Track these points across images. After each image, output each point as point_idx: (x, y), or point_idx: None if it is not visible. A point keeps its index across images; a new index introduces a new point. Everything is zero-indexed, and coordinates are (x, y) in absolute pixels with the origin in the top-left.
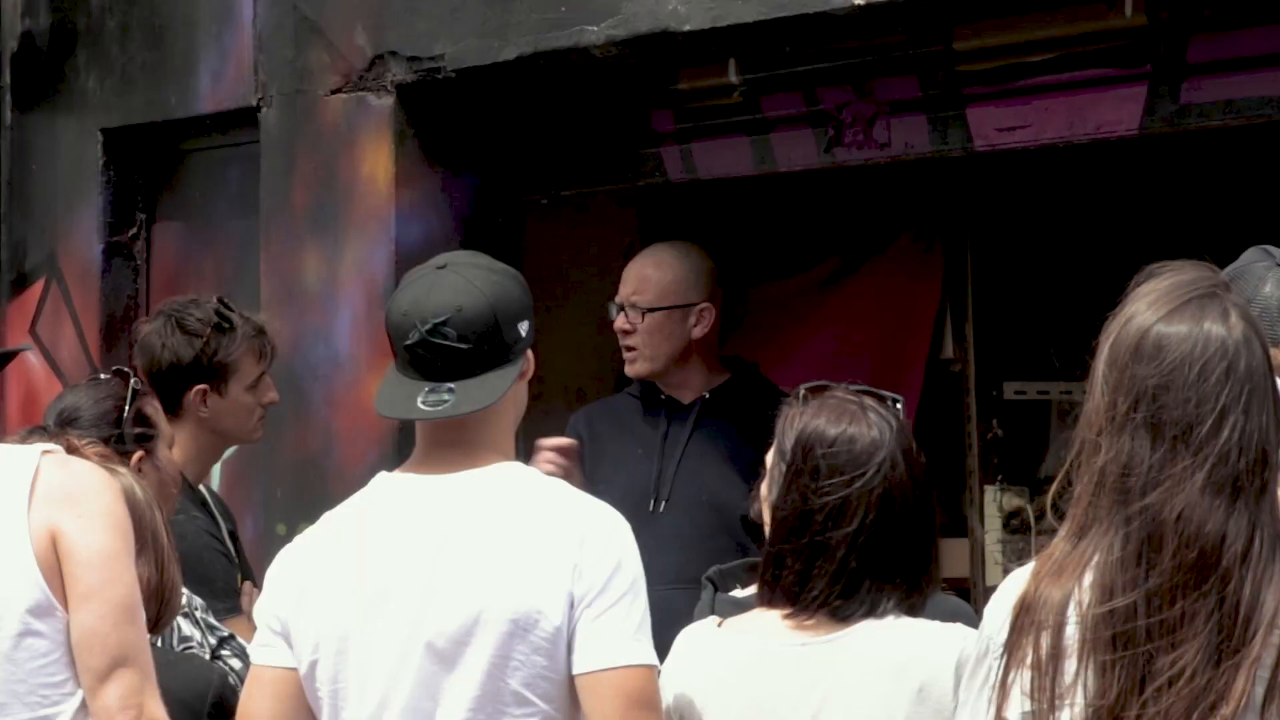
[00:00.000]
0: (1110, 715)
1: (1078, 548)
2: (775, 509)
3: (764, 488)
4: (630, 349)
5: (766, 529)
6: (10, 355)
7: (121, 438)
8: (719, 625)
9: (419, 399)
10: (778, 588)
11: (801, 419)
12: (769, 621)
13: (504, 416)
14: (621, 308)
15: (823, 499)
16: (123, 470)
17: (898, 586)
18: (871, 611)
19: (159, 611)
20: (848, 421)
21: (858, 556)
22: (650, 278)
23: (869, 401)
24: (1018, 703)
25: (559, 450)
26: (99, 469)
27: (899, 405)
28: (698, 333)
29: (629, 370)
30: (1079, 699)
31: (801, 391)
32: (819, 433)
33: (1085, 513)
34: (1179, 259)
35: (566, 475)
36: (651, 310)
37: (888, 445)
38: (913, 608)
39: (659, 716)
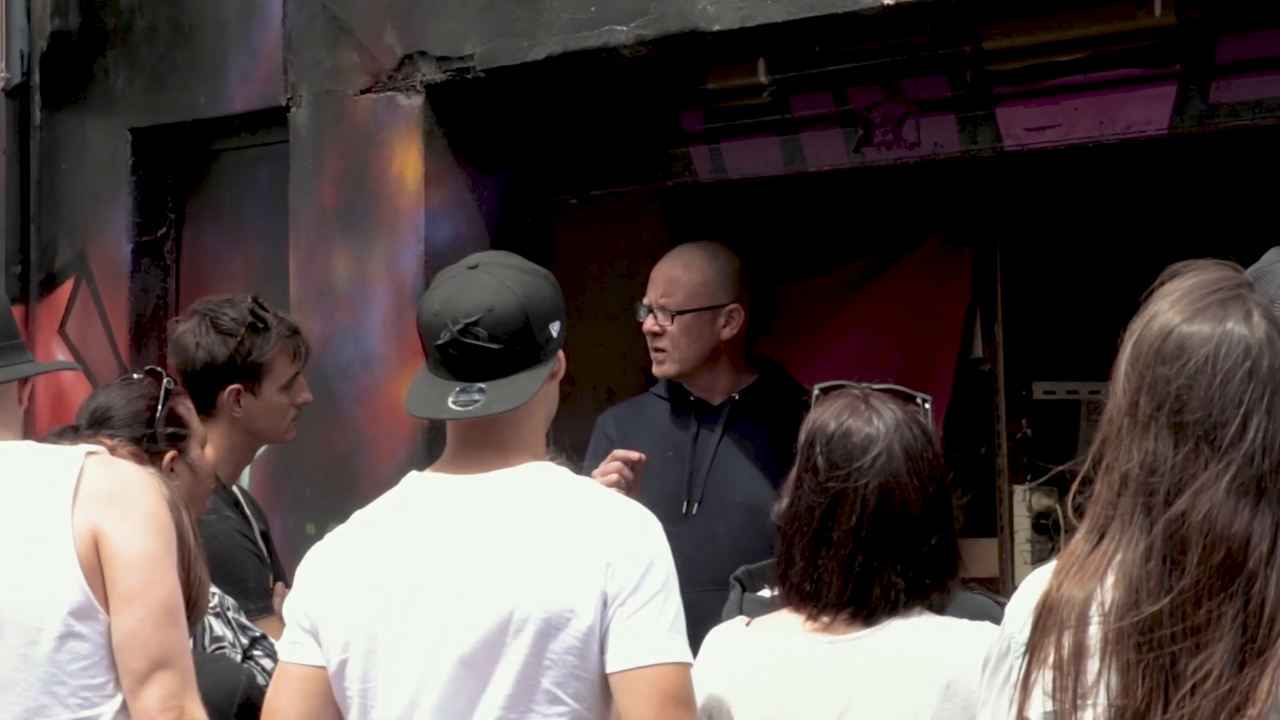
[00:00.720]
0: (1134, 717)
1: (1099, 547)
2: (786, 507)
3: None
4: (660, 350)
5: None
6: (47, 370)
7: (154, 437)
8: (747, 625)
9: (450, 399)
10: (792, 587)
11: (810, 417)
12: (795, 621)
13: (535, 416)
14: (650, 309)
15: (821, 494)
16: (150, 469)
17: (915, 582)
18: (894, 608)
19: (186, 610)
20: (848, 416)
21: (862, 551)
22: (679, 279)
23: (878, 399)
24: (1039, 702)
25: (628, 463)
26: (142, 471)
27: (927, 404)
28: (726, 334)
29: (657, 370)
30: (1101, 699)
31: (815, 391)
32: (821, 428)
33: (1106, 512)
34: (1204, 258)
35: (628, 488)
36: (681, 313)
37: (884, 439)
38: (937, 605)
39: (694, 713)
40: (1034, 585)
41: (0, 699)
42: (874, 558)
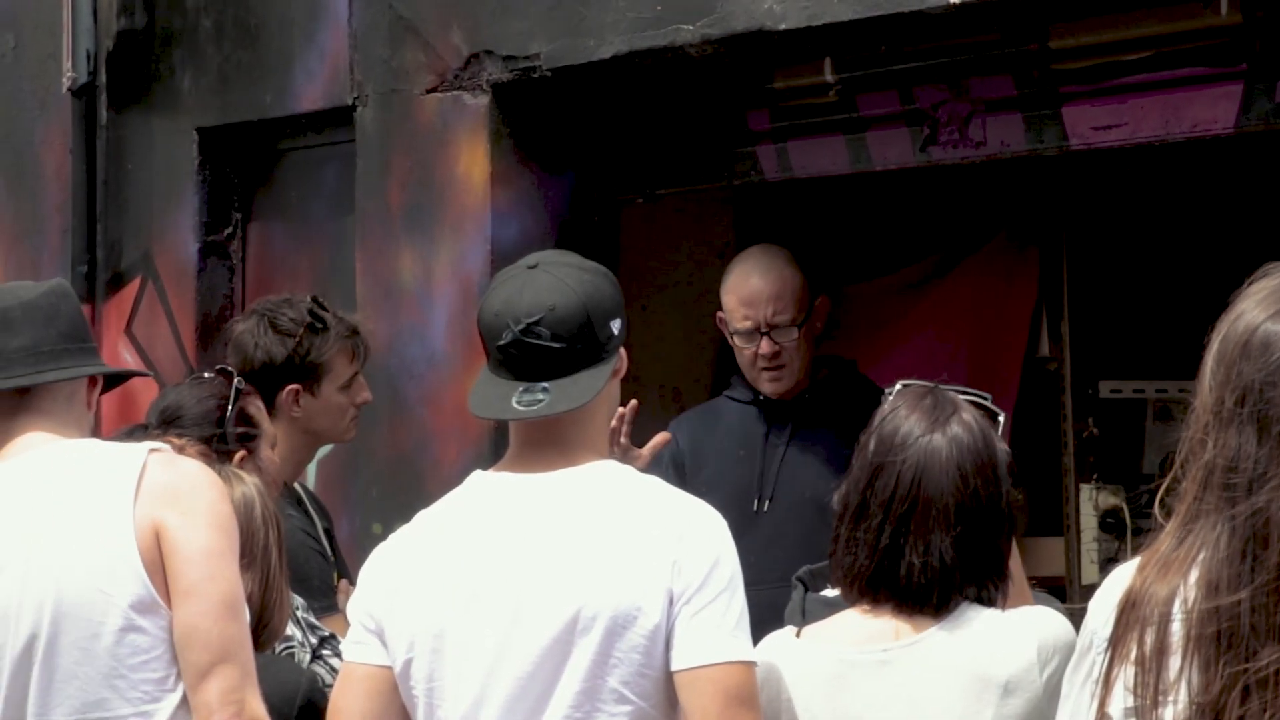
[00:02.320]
0: (1213, 712)
1: (1183, 544)
2: (840, 490)
3: None
4: (778, 368)
5: None
6: (125, 376)
7: (224, 437)
8: (796, 635)
9: (513, 399)
10: (837, 564)
11: (880, 410)
12: (847, 627)
13: (598, 415)
14: (763, 333)
15: (863, 470)
16: (249, 480)
17: (945, 573)
18: (943, 605)
19: (256, 628)
20: (905, 406)
21: (889, 525)
22: (784, 294)
23: (945, 396)
24: (1121, 698)
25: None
26: (205, 467)
27: (1000, 418)
28: (819, 329)
29: (774, 389)
30: (1182, 696)
31: (898, 386)
32: (881, 411)
33: (1191, 508)
34: (1276, 259)
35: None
36: (799, 324)
37: (934, 427)
38: (989, 604)
39: (758, 713)
40: (1117, 581)
41: (61, 692)
42: (899, 536)
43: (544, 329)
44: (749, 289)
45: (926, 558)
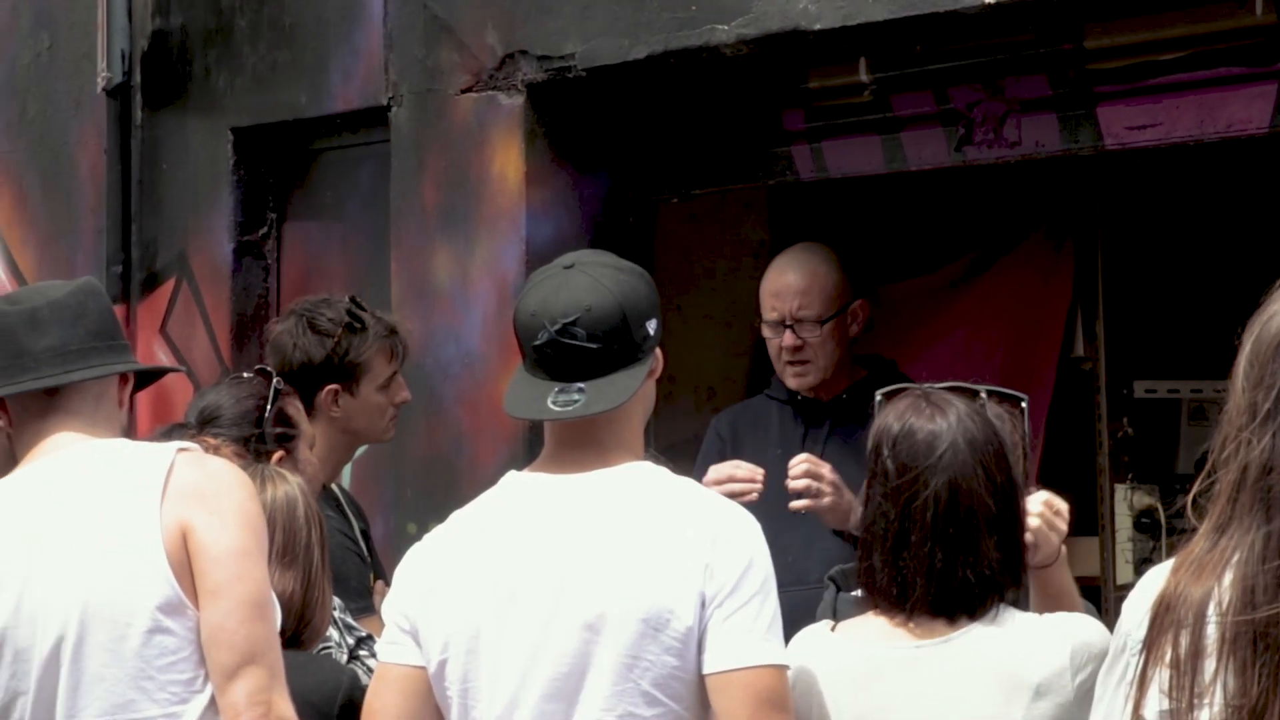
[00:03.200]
0: (1250, 716)
1: (1218, 546)
2: (862, 516)
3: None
4: (802, 363)
5: None
6: (158, 374)
7: (262, 437)
8: (831, 630)
9: (549, 399)
10: (879, 592)
11: (874, 423)
12: (880, 624)
13: (633, 416)
14: (787, 325)
15: (893, 497)
16: (292, 479)
17: (989, 579)
18: (974, 607)
19: (298, 628)
20: (910, 416)
21: (940, 548)
22: (812, 289)
23: (939, 396)
24: (1155, 701)
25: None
26: (234, 466)
27: (1023, 404)
28: (854, 331)
29: (798, 384)
30: (1218, 699)
31: (878, 398)
32: (885, 430)
33: (1225, 510)
34: None
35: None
36: (825, 320)
37: (949, 434)
38: (1014, 601)
39: (790, 716)
40: (1151, 583)
41: (89, 693)
42: (953, 554)
43: (580, 329)
44: (779, 282)
45: (975, 570)
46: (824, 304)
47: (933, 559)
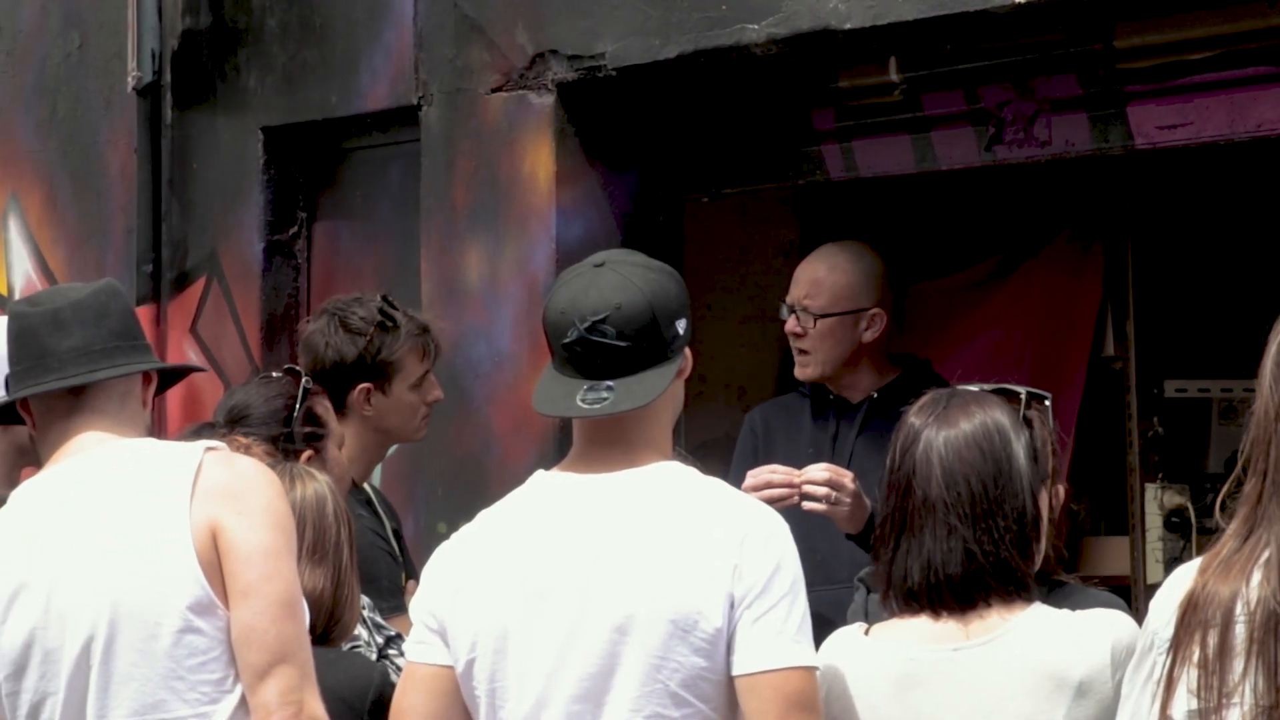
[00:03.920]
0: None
1: (1245, 545)
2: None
3: None
4: (802, 352)
5: None
6: (182, 373)
7: (291, 436)
8: (865, 633)
9: (578, 397)
10: (888, 584)
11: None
12: (914, 627)
13: (662, 415)
14: (793, 310)
15: (893, 488)
16: (321, 478)
17: (1013, 574)
18: (1002, 602)
19: (328, 625)
20: (918, 415)
21: (935, 528)
22: (823, 282)
23: (960, 397)
24: (1184, 701)
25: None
26: (262, 465)
27: (1047, 402)
28: (868, 337)
29: (799, 373)
30: (1247, 699)
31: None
32: (897, 429)
33: (1254, 511)
34: None
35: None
36: (823, 316)
37: (947, 427)
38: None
39: (818, 718)
40: (1178, 582)
41: (119, 694)
42: (947, 533)
43: (609, 327)
44: (803, 267)
45: (924, 561)
46: (829, 300)
47: (934, 538)
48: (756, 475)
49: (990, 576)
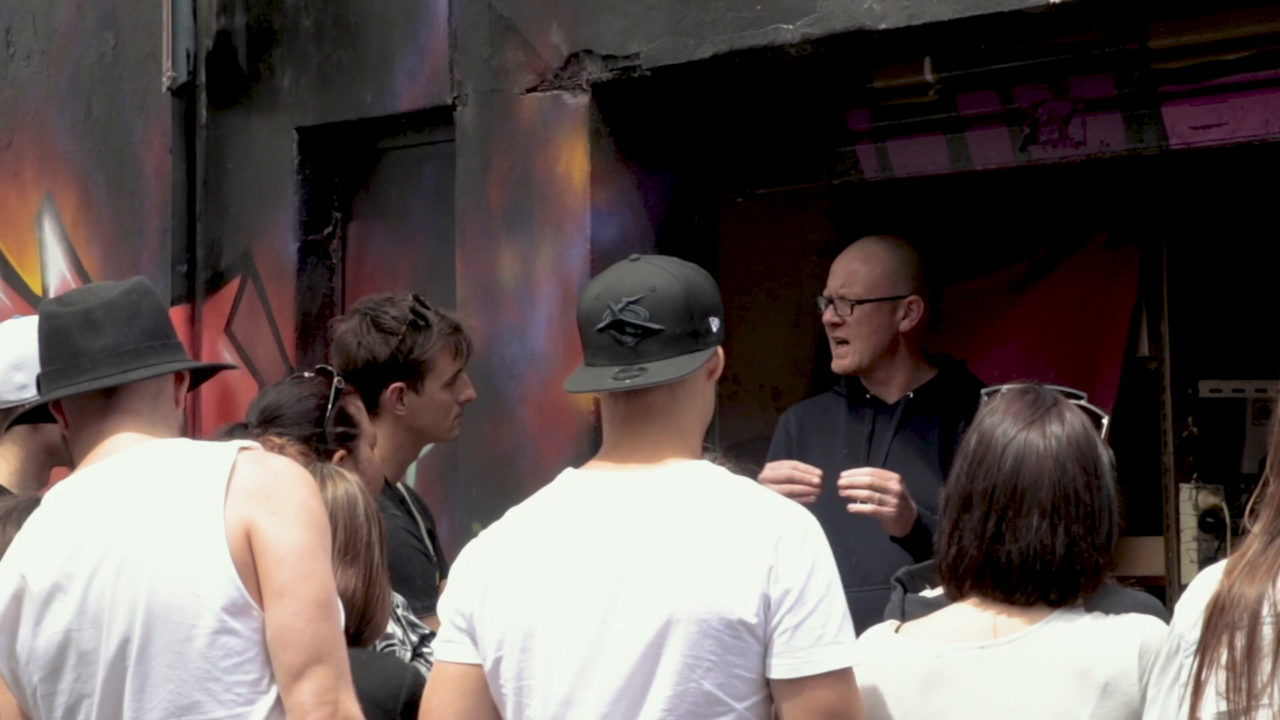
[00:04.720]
0: None
1: (1271, 547)
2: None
3: None
4: (841, 342)
5: None
6: (213, 370)
7: (323, 436)
8: (896, 631)
9: (610, 378)
10: (948, 575)
11: (977, 415)
12: (947, 622)
13: (691, 413)
14: (830, 301)
15: (964, 472)
16: (351, 478)
17: (1064, 571)
18: (1042, 598)
19: (359, 625)
20: (1000, 409)
21: (993, 516)
22: (859, 271)
23: (1043, 396)
24: (1212, 703)
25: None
26: (296, 465)
27: (1105, 420)
28: (905, 325)
29: (837, 365)
30: (1276, 700)
31: (1003, 389)
32: (978, 419)
33: (1278, 513)
34: None
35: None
36: (860, 302)
37: (1022, 430)
38: (1086, 600)
39: (859, 718)
40: (1204, 584)
41: (155, 695)
42: (1001, 523)
43: (643, 308)
44: (839, 259)
45: (1025, 546)
46: (866, 286)
47: (984, 526)
48: (776, 469)
49: (1065, 574)
